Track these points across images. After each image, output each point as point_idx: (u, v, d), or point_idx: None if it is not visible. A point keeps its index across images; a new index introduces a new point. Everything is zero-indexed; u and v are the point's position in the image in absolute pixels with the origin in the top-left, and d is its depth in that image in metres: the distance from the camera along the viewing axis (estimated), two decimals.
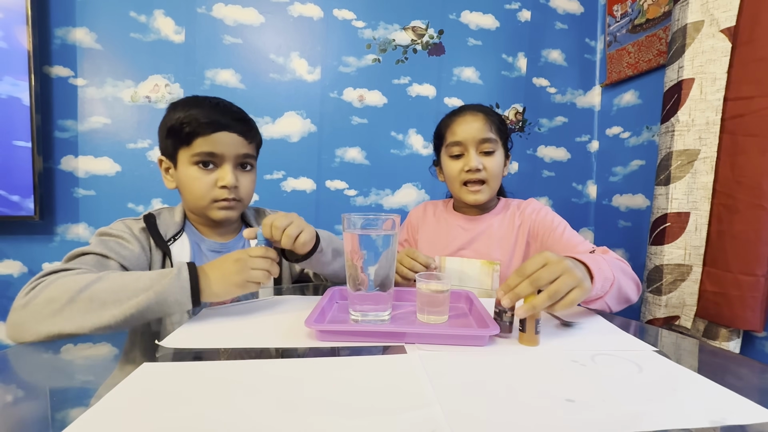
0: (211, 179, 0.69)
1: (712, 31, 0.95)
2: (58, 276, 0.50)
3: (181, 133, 0.68)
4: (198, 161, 0.69)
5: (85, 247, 0.59)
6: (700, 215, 0.97)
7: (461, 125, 0.86)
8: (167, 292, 0.50)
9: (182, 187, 0.72)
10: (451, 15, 1.50)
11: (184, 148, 0.69)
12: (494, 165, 0.85)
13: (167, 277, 0.51)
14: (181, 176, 0.70)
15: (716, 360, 0.48)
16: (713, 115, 0.95)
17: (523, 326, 0.45)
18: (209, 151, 0.69)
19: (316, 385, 0.34)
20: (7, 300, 1.24)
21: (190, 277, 0.51)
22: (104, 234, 0.64)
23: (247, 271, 0.53)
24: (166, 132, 0.70)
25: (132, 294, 0.49)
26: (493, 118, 0.86)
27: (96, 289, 0.48)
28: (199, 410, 0.30)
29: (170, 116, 0.70)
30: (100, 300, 0.47)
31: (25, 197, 1.17)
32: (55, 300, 0.46)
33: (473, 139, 0.84)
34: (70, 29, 1.24)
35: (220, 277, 0.53)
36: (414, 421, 0.29)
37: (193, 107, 0.69)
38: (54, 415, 0.31)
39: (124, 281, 0.50)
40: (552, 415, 0.30)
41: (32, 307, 0.46)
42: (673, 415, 0.31)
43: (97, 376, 0.38)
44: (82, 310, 0.47)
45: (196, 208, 0.73)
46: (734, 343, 0.94)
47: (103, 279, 0.50)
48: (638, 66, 1.38)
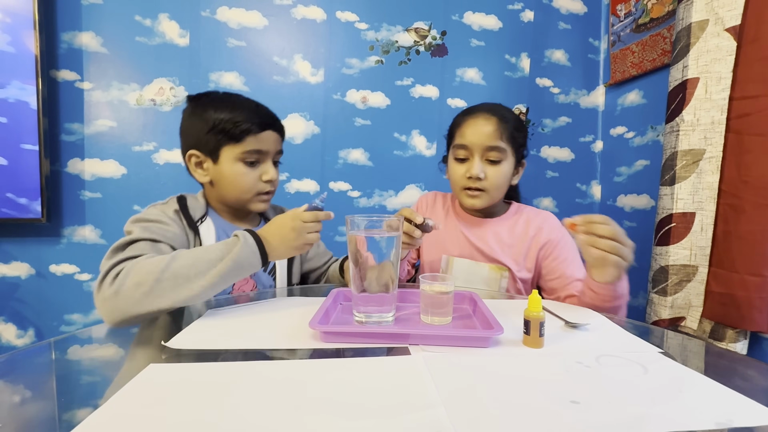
0: (256, 174, 0.74)
1: (716, 29, 0.94)
2: (133, 263, 0.55)
3: (231, 131, 0.70)
4: (245, 158, 0.72)
5: (131, 236, 0.61)
6: (706, 215, 0.96)
7: (470, 128, 0.81)
8: (241, 258, 0.57)
9: (224, 181, 0.74)
10: (454, 16, 1.50)
11: (231, 145, 0.71)
12: (498, 175, 0.80)
13: (237, 245, 0.58)
14: (224, 172, 0.73)
15: (722, 361, 0.48)
16: (718, 114, 0.94)
17: (527, 328, 0.45)
18: (258, 149, 0.73)
19: (321, 386, 0.35)
20: (16, 302, 1.26)
21: (256, 243, 0.59)
22: (143, 220, 0.65)
23: (304, 236, 0.62)
24: (207, 129, 0.71)
25: (210, 265, 0.55)
26: (507, 124, 0.80)
27: (176, 267, 0.54)
28: (205, 411, 0.30)
29: (212, 115, 0.71)
30: (183, 276, 0.53)
31: (32, 200, 1.18)
32: (143, 283, 0.52)
33: (480, 145, 0.79)
34: (77, 33, 1.26)
35: (281, 242, 0.61)
36: (418, 423, 0.29)
37: (238, 108, 0.72)
38: (61, 416, 0.31)
39: (196, 256, 0.56)
40: (556, 417, 0.30)
41: (124, 293, 0.51)
42: (678, 416, 0.31)
43: (104, 377, 0.39)
44: (170, 287, 0.53)
45: (237, 201, 0.76)
46: (741, 344, 0.93)
47: (177, 258, 0.55)
48: (642, 65, 1.38)
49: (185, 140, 0.76)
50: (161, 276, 0.52)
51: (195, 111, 0.74)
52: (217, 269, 0.55)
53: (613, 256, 0.57)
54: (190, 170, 0.76)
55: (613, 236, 0.57)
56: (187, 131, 0.75)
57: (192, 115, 0.74)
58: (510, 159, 0.82)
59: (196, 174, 0.76)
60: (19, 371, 0.40)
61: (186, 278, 0.54)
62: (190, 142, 0.75)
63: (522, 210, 0.90)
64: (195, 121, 0.73)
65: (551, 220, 0.87)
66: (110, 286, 0.52)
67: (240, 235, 0.59)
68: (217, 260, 0.56)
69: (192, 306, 0.58)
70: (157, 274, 0.52)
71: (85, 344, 0.47)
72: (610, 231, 0.57)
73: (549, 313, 0.58)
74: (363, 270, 0.52)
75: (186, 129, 0.76)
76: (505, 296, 0.75)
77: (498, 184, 0.82)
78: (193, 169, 0.76)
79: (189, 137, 0.75)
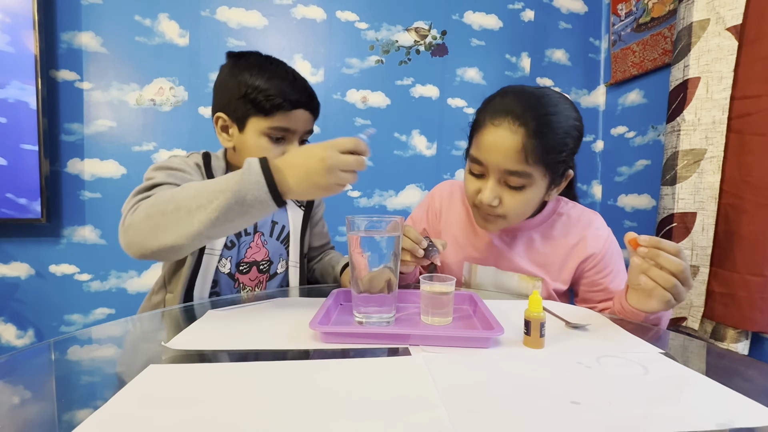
0: (279, 152, 0.69)
1: (718, 29, 0.94)
2: (151, 194, 0.54)
3: (262, 103, 0.66)
4: (271, 134, 0.68)
5: (154, 179, 0.59)
6: (707, 215, 0.96)
7: (488, 139, 0.61)
8: (243, 190, 0.47)
9: (246, 152, 0.69)
10: (454, 15, 1.50)
11: (259, 117, 0.67)
12: (517, 203, 0.63)
13: (240, 174, 0.49)
14: (247, 142, 0.69)
15: (723, 362, 0.47)
16: (720, 114, 0.94)
17: (527, 329, 0.45)
18: (286, 127, 0.68)
19: (321, 386, 0.35)
20: (15, 302, 1.26)
21: (263, 171, 0.48)
22: (166, 168, 0.63)
23: (336, 173, 0.48)
24: (239, 95, 0.67)
25: (212, 197, 0.48)
26: (539, 139, 0.58)
27: (180, 197, 0.50)
28: (205, 412, 0.30)
29: (246, 80, 0.67)
30: (186, 208, 0.49)
31: (32, 200, 1.18)
32: (152, 216, 0.50)
33: (496, 166, 0.61)
34: (76, 33, 1.26)
35: (304, 176, 0.48)
36: (419, 424, 0.29)
37: (275, 78, 0.67)
38: (61, 417, 0.31)
39: (203, 186, 0.50)
40: (557, 418, 0.30)
41: (135, 227, 0.51)
42: (679, 417, 0.30)
43: (103, 378, 0.39)
44: (174, 220, 0.49)
45: None
46: (742, 344, 0.93)
47: (185, 188, 0.51)
48: (643, 65, 1.37)
49: (217, 99, 0.72)
50: (166, 207, 0.50)
51: (232, 72, 0.69)
52: (216, 203, 0.48)
53: (664, 292, 0.51)
54: (216, 131, 0.73)
55: (676, 273, 0.50)
56: (220, 90, 0.71)
57: (229, 76, 0.69)
58: (539, 182, 0.62)
59: (221, 137, 0.72)
60: (18, 372, 0.40)
61: (188, 211, 0.49)
62: (220, 103, 0.71)
63: (561, 210, 0.73)
64: (229, 82, 0.69)
65: (596, 225, 0.72)
66: (129, 218, 0.52)
67: (249, 161, 0.49)
68: (219, 192, 0.48)
69: (193, 306, 0.58)
70: (163, 206, 0.50)
71: (85, 345, 0.47)
72: (675, 266, 0.50)
73: (549, 314, 0.57)
74: (363, 271, 0.51)
75: (219, 88, 0.72)
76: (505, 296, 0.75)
77: (518, 212, 0.66)
78: (218, 132, 0.72)
79: (220, 98, 0.71)
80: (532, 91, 0.63)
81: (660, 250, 0.50)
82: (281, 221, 0.81)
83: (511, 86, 0.67)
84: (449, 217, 0.80)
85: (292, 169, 0.49)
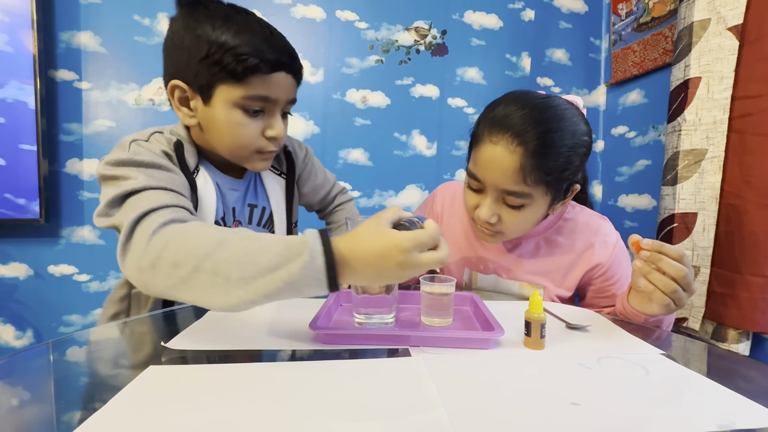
0: (258, 127, 0.57)
1: (719, 29, 0.94)
2: (176, 229, 0.41)
3: (230, 66, 0.51)
4: (247, 105, 0.55)
5: (135, 182, 0.46)
6: (708, 216, 0.95)
7: (485, 157, 0.58)
8: (299, 283, 0.38)
9: (216, 130, 0.57)
10: (455, 15, 1.49)
11: (229, 84, 0.53)
12: (516, 222, 0.61)
13: (298, 258, 0.38)
14: (217, 117, 0.55)
15: (724, 363, 0.47)
16: (720, 114, 0.94)
17: (528, 330, 0.45)
18: (265, 95, 0.55)
19: (321, 387, 0.34)
20: (14, 303, 1.25)
21: (327, 267, 0.38)
22: (137, 164, 0.49)
23: (412, 273, 0.40)
24: (201, 55, 0.52)
25: (257, 273, 0.38)
26: (539, 159, 0.54)
27: (219, 259, 0.39)
28: (205, 413, 0.30)
29: (209, 34, 0.51)
30: (224, 274, 0.38)
31: (30, 200, 1.18)
32: (181, 265, 0.39)
33: (494, 185, 0.59)
34: (75, 33, 1.26)
35: (374, 275, 0.40)
36: (419, 425, 0.29)
37: (246, 32, 0.52)
38: (60, 419, 0.31)
39: (247, 251, 0.39)
40: (557, 419, 0.30)
41: (159, 270, 0.40)
42: (680, 419, 0.30)
43: (102, 379, 0.38)
44: (208, 283, 0.39)
45: (230, 156, 0.60)
46: (743, 345, 0.93)
47: (225, 245, 0.39)
48: (644, 65, 1.37)
49: (169, 63, 0.56)
50: (200, 264, 0.39)
51: (187, 24, 0.53)
52: (262, 283, 0.38)
53: (664, 296, 0.50)
54: (173, 106, 0.57)
55: (677, 278, 0.49)
56: (172, 50, 0.55)
57: (184, 30, 0.53)
58: (539, 201, 0.59)
59: (180, 113, 0.57)
60: (17, 374, 0.39)
61: (226, 279, 0.38)
62: (174, 67, 0.55)
63: (568, 215, 0.71)
64: (185, 38, 0.53)
65: (604, 232, 0.69)
66: (146, 253, 0.40)
67: (310, 250, 0.38)
68: (267, 270, 0.38)
69: (192, 306, 0.58)
70: (198, 259, 0.39)
71: (84, 346, 0.46)
72: (676, 271, 0.49)
73: (550, 315, 0.57)
74: None
75: (171, 47, 0.55)
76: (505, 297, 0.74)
77: (517, 230, 0.64)
78: (176, 106, 0.57)
79: (174, 60, 0.55)
80: (535, 102, 0.57)
81: (662, 255, 0.50)
82: (261, 203, 0.71)
83: (515, 93, 0.61)
84: (451, 220, 0.78)
85: (362, 266, 0.39)
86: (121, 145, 0.53)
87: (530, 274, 0.70)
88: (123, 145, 0.53)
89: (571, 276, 0.69)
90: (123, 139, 0.54)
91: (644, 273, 0.52)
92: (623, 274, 0.68)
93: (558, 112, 0.57)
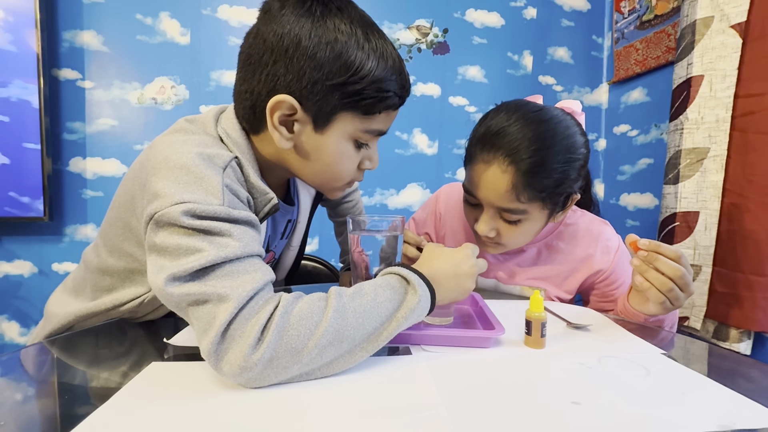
0: (358, 159, 0.52)
1: (722, 26, 0.93)
2: (282, 314, 0.35)
3: (371, 100, 0.45)
4: (360, 138, 0.49)
5: (229, 250, 0.36)
6: (710, 214, 0.95)
7: (479, 176, 0.58)
8: (411, 315, 0.39)
9: (320, 160, 0.49)
10: (456, 13, 1.49)
11: (354, 115, 0.46)
12: (514, 235, 0.61)
13: (410, 293, 0.40)
14: (326, 147, 0.48)
15: (725, 363, 0.47)
16: (723, 112, 0.93)
17: (528, 329, 0.45)
18: (383, 130, 0.51)
19: (321, 385, 0.35)
20: (18, 300, 1.27)
21: (431, 291, 0.41)
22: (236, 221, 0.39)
23: (474, 282, 0.47)
24: (340, 80, 0.43)
25: (379, 325, 0.38)
26: (531, 177, 0.54)
27: (340, 326, 0.36)
28: (205, 409, 0.30)
29: (352, 55, 0.43)
30: (349, 338, 0.36)
31: (34, 198, 1.19)
32: (300, 351, 0.34)
33: (489, 203, 0.59)
34: (78, 32, 1.26)
35: (453, 290, 0.45)
36: (418, 423, 0.29)
37: (387, 60, 0.46)
38: (63, 415, 0.31)
39: (364, 308, 0.37)
40: (557, 418, 0.30)
41: (277, 362, 0.34)
42: (680, 419, 0.30)
43: (105, 376, 0.39)
44: (331, 354, 0.36)
45: (319, 185, 0.54)
46: (745, 344, 0.93)
47: (341, 312, 0.36)
48: (646, 63, 1.36)
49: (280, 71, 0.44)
50: (321, 340, 0.34)
51: (321, 32, 0.43)
52: (386, 334, 0.38)
53: (659, 295, 0.51)
54: (269, 123, 0.46)
55: (674, 277, 0.50)
56: (288, 59, 0.43)
57: (316, 37, 0.43)
58: (536, 215, 0.59)
59: (276, 134, 0.46)
60: (20, 369, 0.40)
61: (351, 342, 0.36)
62: (288, 80, 0.44)
63: (569, 220, 0.70)
64: (318, 50, 0.43)
65: (606, 237, 0.68)
66: (256, 349, 0.33)
67: (407, 277, 0.40)
68: (387, 316, 0.38)
69: None
70: (318, 337, 0.34)
71: (88, 342, 0.47)
72: (673, 271, 0.50)
73: (551, 314, 0.57)
74: (363, 271, 0.51)
75: (288, 53, 0.43)
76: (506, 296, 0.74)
77: (517, 242, 0.64)
78: (273, 125, 0.45)
79: (292, 71, 0.43)
80: (528, 117, 0.56)
81: (659, 255, 0.51)
82: (292, 216, 0.68)
83: (508, 105, 0.60)
84: (453, 222, 0.78)
85: (444, 280, 0.44)
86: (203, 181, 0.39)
87: (530, 280, 0.71)
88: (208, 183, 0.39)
89: (570, 280, 0.69)
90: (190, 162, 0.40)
91: (641, 271, 0.52)
92: (626, 278, 0.68)
93: (551, 126, 0.56)
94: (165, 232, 0.37)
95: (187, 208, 0.36)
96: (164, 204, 0.36)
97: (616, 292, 0.69)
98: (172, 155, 0.41)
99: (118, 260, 0.50)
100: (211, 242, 0.36)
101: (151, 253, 0.38)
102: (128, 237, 0.48)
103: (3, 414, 0.30)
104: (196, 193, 0.38)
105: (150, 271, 0.37)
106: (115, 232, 0.50)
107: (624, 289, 0.68)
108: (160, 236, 0.37)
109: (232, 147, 0.47)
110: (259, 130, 0.48)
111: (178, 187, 0.38)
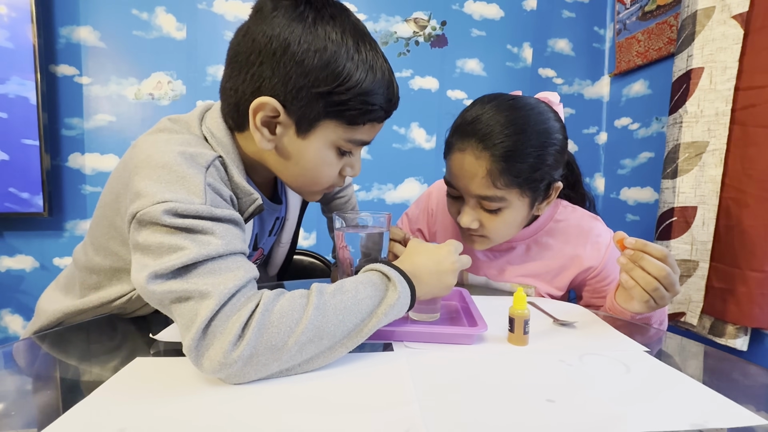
0: (340, 166, 0.52)
1: (723, 17, 0.91)
2: (263, 311, 0.35)
3: (355, 112, 0.45)
4: (343, 147, 0.49)
5: (212, 247, 0.36)
6: (708, 209, 0.94)
7: (456, 165, 0.59)
8: (391, 311, 0.40)
9: (300, 165, 0.49)
10: (454, 5, 1.47)
11: (338, 124, 0.46)
12: (497, 226, 0.61)
13: (390, 290, 0.41)
14: (307, 152, 0.48)
15: (709, 360, 0.47)
16: (723, 105, 0.92)
17: (511, 326, 0.45)
18: (366, 140, 0.51)
19: (301, 382, 0.35)
20: (21, 294, 1.29)
21: (410, 286, 0.42)
22: (218, 220, 0.39)
23: (456, 276, 0.48)
24: (326, 88, 0.43)
25: (359, 321, 0.39)
26: (506, 163, 0.55)
27: (320, 323, 0.36)
28: (185, 405, 0.31)
29: (342, 64, 0.43)
30: (329, 335, 0.37)
31: (34, 194, 1.20)
32: (280, 349, 0.35)
33: (467, 192, 0.59)
34: (75, 28, 1.26)
35: (434, 286, 0.46)
36: (389, 420, 0.29)
37: (376, 73, 0.46)
38: (45, 407, 0.32)
39: (345, 305, 0.38)
40: (529, 416, 0.30)
41: (257, 359, 0.34)
42: (654, 417, 0.30)
43: (90, 370, 0.39)
44: (311, 351, 0.36)
45: (299, 188, 0.55)
46: (741, 340, 0.92)
47: (321, 310, 0.37)
48: (648, 55, 1.34)
49: (265, 72, 0.43)
50: (302, 337, 0.35)
51: (311, 38, 0.42)
52: (366, 330, 0.39)
53: (643, 293, 0.51)
54: (250, 123, 0.45)
55: (659, 277, 0.50)
56: (275, 62, 0.43)
57: (305, 43, 0.42)
58: (517, 203, 0.59)
59: (257, 134, 0.46)
60: (5, 364, 0.41)
61: (331, 339, 0.37)
62: (272, 83, 0.43)
63: (559, 216, 0.70)
64: (307, 56, 0.42)
65: (596, 233, 0.68)
66: (237, 346, 0.33)
67: (387, 273, 0.41)
68: (366, 314, 0.39)
69: None
70: (298, 335, 0.35)
71: (77, 337, 0.48)
72: (658, 270, 0.50)
73: (538, 310, 0.57)
74: (349, 267, 0.52)
75: (276, 56, 0.43)
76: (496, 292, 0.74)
77: (501, 234, 0.64)
78: (255, 126, 0.45)
79: (278, 74, 0.43)
80: (501, 105, 0.58)
81: (645, 254, 0.50)
82: (280, 214, 0.68)
83: (483, 98, 0.62)
84: (445, 219, 0.78)
85: (426, 276, 0.45)
86: (185, 180, 0.39)
87: (520, 277, 0.71)
88: (190, 182, 0.39)
89: (561, 276, 0.69)
90: (172, 161, 0.40)
91: (627, 270, 0.52)
92: (618, 274, 0.67)
93: (523, 112, 0.57)
94: (147, 231, 0.37)
95: (168, 207, 0.36)
96: (146, 203, 0.37)
97: (607, 288, 0.68)
98: (154, 154, 0.41)
99: (105, 259, 0.50)
100: (194, 240, 0.36)
101: (135, 251, 0.38)
102: (113, 236, 0.49)
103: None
104: (178, 192, 0.38)
105: (133, 269, 0.37)
106: (101, 231, 0.50)
107: (616, 285, 0.67)
108: (143, 235, 0.37)
109: (216, 146, 0.48)
110: (243, 129, 0.48)
111: (160, 187, 0.38)
